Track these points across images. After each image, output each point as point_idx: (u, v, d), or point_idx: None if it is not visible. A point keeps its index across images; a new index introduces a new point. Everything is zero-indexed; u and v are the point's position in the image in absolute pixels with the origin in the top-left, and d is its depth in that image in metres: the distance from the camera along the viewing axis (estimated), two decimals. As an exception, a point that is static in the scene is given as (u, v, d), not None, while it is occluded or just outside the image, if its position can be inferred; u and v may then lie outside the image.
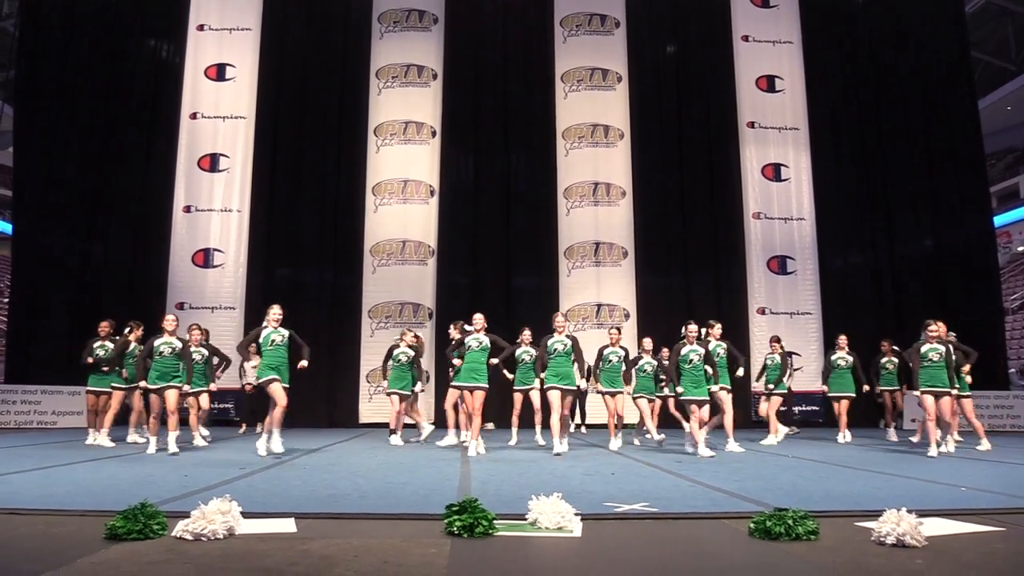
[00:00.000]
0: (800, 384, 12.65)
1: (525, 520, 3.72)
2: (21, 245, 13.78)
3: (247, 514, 3.61)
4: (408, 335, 9.53)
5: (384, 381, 9.50)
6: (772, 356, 10.26)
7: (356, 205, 13.70)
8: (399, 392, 9.25)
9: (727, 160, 14.30)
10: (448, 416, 9.50)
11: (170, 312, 12.23)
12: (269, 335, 7.46)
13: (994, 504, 4.43)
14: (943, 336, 8.19)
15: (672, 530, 3.74)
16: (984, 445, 8.56)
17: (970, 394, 9.22)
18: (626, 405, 9.14)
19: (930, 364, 8.04)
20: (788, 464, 6.94)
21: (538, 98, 14.33)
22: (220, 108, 13.88)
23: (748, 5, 14.76)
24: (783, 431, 10.14)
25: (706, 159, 14.41)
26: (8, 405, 12.06)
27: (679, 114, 14.54)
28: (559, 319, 8.26)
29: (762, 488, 5.07)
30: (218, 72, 14.01)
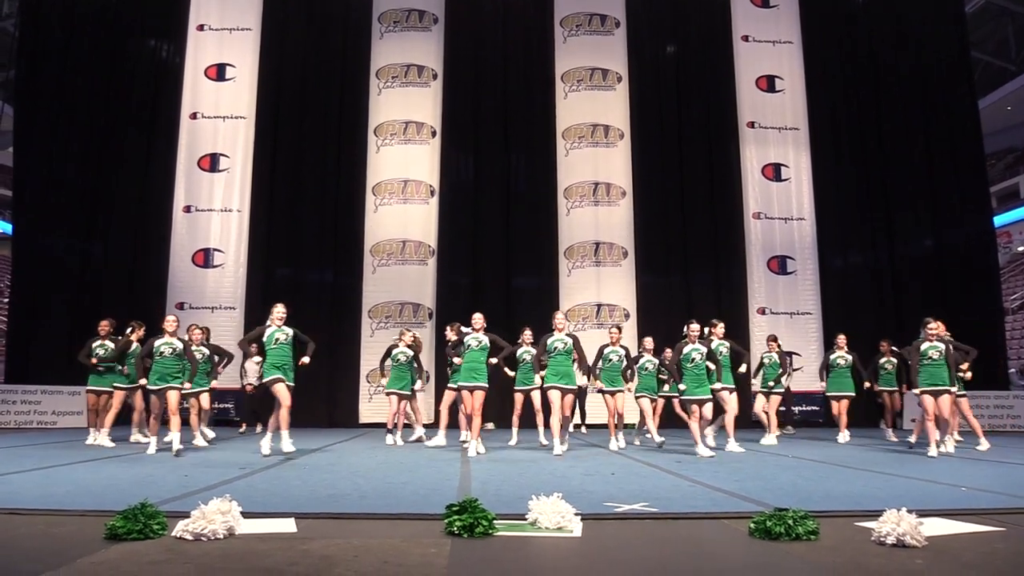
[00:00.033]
0: (800, 384, 12.64)
1: (525, 520, 3.72)
2: (21, 245, 13.78)
3: (247, 514, 3.62)
4: (407, 335, 9.53)
5: (384, 380, 9.51)
6: (769, 354, 10.27)
7: (356, 205, 13.70)
8: (398, 392, 9.26)
9: (727, 160, 14.30)
10: (441, 416, 9.48)
11: (170, 312, 12.31)
12: (273, 334, 7.45)
13: (994, 504, 4.43)
14: (942, 334, 8.08)
15: (672, 530, 3.74)
16: (983, 445, 8.54)
17: (966, 393, 9.21)
18: (626, 404, 9.14)
19: (930, 362, 7.94)
20: (788, 464, 6.93)
21: (538, 98, 14.33)
22: (220, 108, 13.88)
23: (748, 5, 14.76)
24: (774, 431, 10.07)
25: (706, 159, 14.41)
26: (8, 405, 12.07)
27: (679, 114, 14.55)
28: (559, 318, 8.24)
29: (762, 488, 5.07)
30: (218, 72, 14.01)
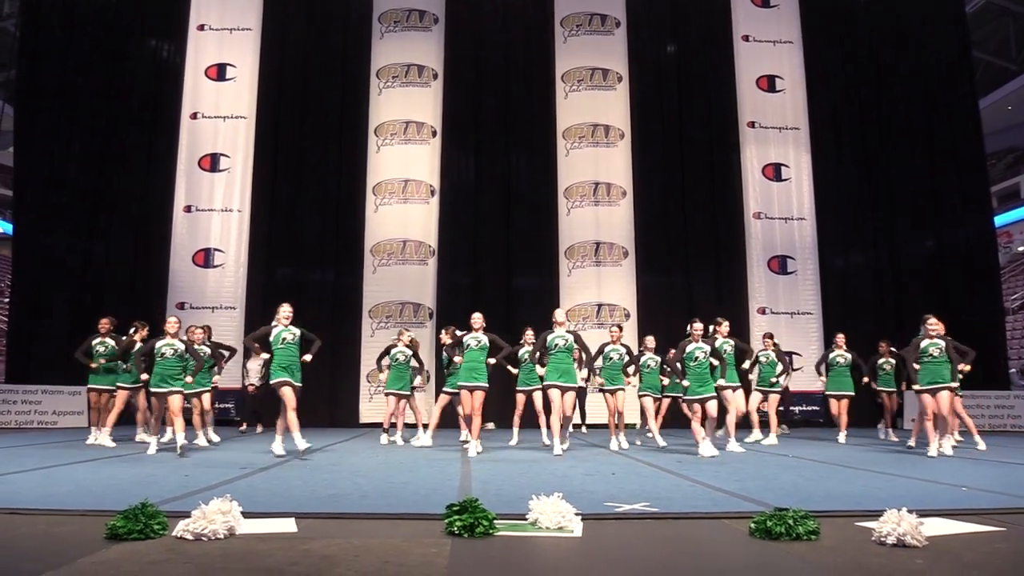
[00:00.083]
0: (800, 384, 12.64)
1: (526, 520, 3.72)
2: (22, 245, 13.79)
3: (248, 514, 3.62)
4: (405, 334, 9.50)
5: (383, 376, 9.44)
6: (766, 352, 10.11)
7: (356, 205, 13.70)
8: (396, 393, 9.24)
9: (727, 160, 14.30)
10: (432, 416, 9.46)
11: (171, 312, 12.34)
12: (280, 333, 7.39)
13: (995, 504, 4.43)
14: (942, 332, 7.95)
15: (673, 530, 3.74)
16: (980, 444, 8.56)
17: (962, 393, 9.19)
18: (626, 403, 9.12)
19: (930, 360, 7.79)
20: (789, 464, 6.93)
21: (538, 98, 14.33)
22: (221, 108, 13.88)
23: (748, 5, 14.75)
24: (756, 431, 9.93)
25: (707, 159, 14.41)
26: (9, 405, 12.07)
27: (680, 114, 14.54)
28: (559, 314, 8.18)
29: (763, 488, 5.07)
30: (219, 72, 14.02)
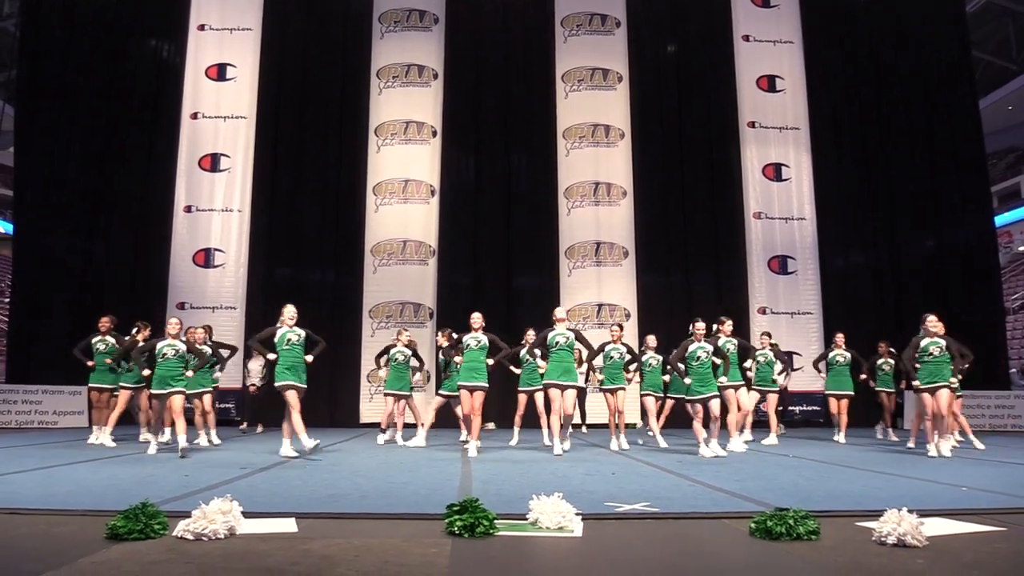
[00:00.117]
0: (801, 384, 12.64)
1: (526, 520, 3.72)
2: (22, 245, 13.79)
3: (248, 514, 3.62)
4: (404, 334, 9.47)
5: (382, 372, 9.40)
6: (764, 352, 9.94)
7: (357, 205, 13.70)
8: (395, 393, 9.21)
9: (728, 160, 14.29)
10: (427, 417, 9.43)
11: (171, 312, 12.36)
12: (285, 335, 7.34)
13: (995, 504, 4.43)
14: (943, 331, 7.85)
15: (673, 530, 3.74)
16: (978, 444, 8.55)
17: (962, 393, 9.19)
18: (627, 402, 9.10)
19: (930, 359, 7.70)
20: (789, 464, 6.93)
21: (539, 98, 14.32)
22: (221, 108, 13.88)
23: (748, 5, 14.74)
24: (745, 434, 9.79)
25: (707, 159, 14.40)
26: (9, 405, 12.06)
27: (680, 114, 14.53)
28: (559, 312, 8.16)
29: (763, 488, 5.07)
30: (219, 72, 14.01)
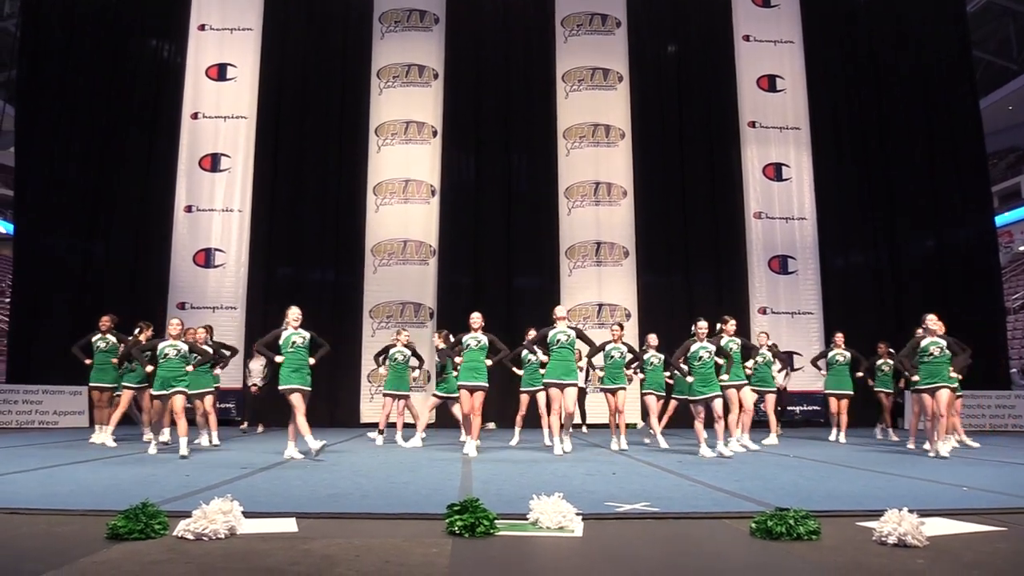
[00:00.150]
0: (801, 384, 12.63)
1: (526, 520, 3.72)
2: (23, 245, 13.79)
3: (248, 514, 3.62)
4: (403, 334, 9.45)
5: (382, 370, 9.37)
6: (762, 352, 9.86)
7: (357, 205, 13.69)
8: (395, 393, 9.19)
9: (728, 160, 14.27)
10: (422, 416, 9.41)
11: (172, 312, 12.37)
12: (289, 337, 7.27)
13: (996, 504, 4.43)
14: (942, 330, 7.80)
15: (673, 530, 3.74)
16: (970, 443, 8.57)
17: (962, 393, 9.20)
18: (627, 402, 9.09)
19: (930, 359, 7.64)
20: (789, 464, 6.93)
21: (539, 98, 14.31)
22: (221, 108, 13.88)
23: (749, 5, 14.73)
24: (738, 435, 9.83)
25: (707, 159, 14.39)
26: (10, 405, 12.05)
27: (680, 114, 14.52)
28: (559, 310, 8.12)
29: (763, 488, 5.07)
30: (219, 72, 14.01)
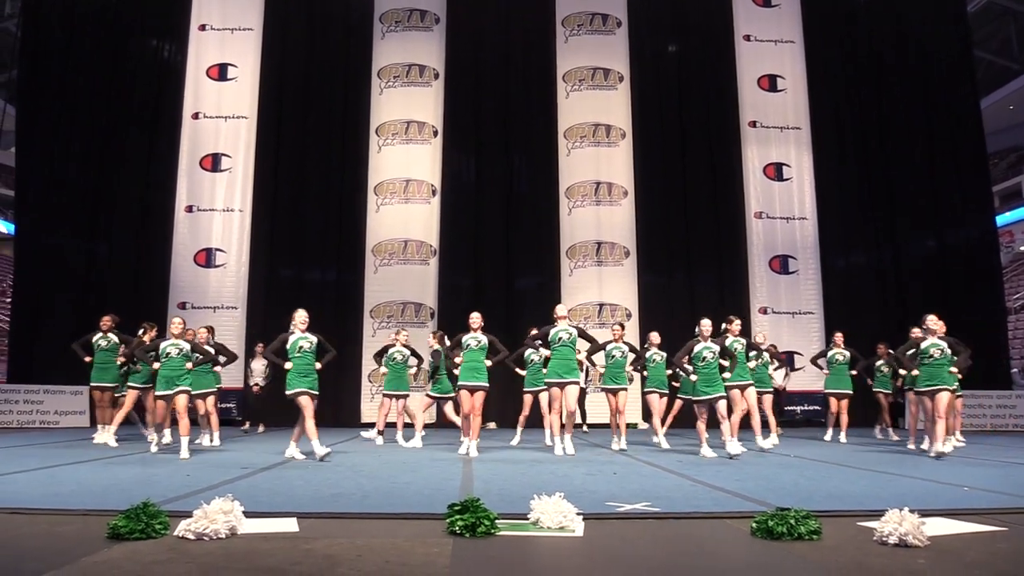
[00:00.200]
0: (802, 383, 12.63)
1: (527, 520, 3.72)
2: (24, 245, 13.80)
3: (249, 513, 3.62)
4: (402, 334, 9.42)
5: (382, 369, 9.33)
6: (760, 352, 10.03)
7: (358, 205, 13.70)
8: (394, 393, 9.16)
9: (729, 159, 14.27)
10: (418, 417, 9.42)
11: (173, 312, 12.36)
12: (296, 341, 7.20)
13: (997, 504, 4.43)
14: (943, 330, 7.76)
15: (674, 530, 3.74)
16: (957, 441, 8.64)
17: (962, 393, 9.20)
18: (628, 401, 9.08)
19: (931, 361, 7.59)
20: (790, 464, 6.93)
21: (539, 98, 14.32)
22: (222, 108, 13.88)
23: (749, 4, 14.73)
24: (733, 438, 9.78)
25: (708, 158, 14.39)
26: (11, 405, 12.06)
27: (681, 113, 14.53)
28: (560, 309, 8.08)
29: (764, 488, 5.07)
30: (220, 72, 14.02)
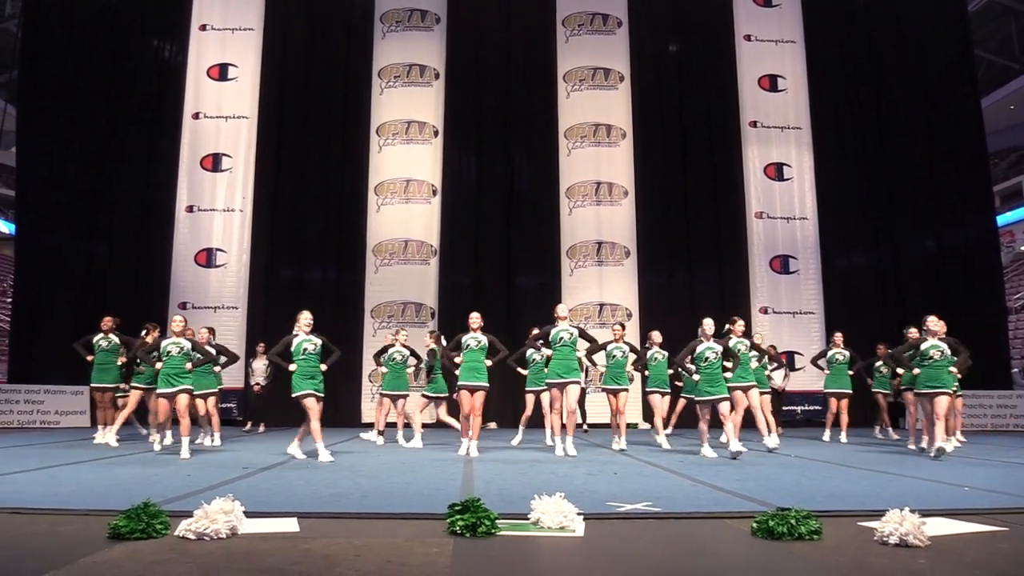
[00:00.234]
0: (803, 383, 12.63)
1: (528, 520, 3.72)
2: (24, 245, 13.82)
3: (250, 513, 3.63)
4: (401, 333, 9.41)
5: (383, 368, 9.29)
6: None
7: (358, 205, 13.71)
8: (393, 393, 9.14)
9: (729, 159, 14.26)
10: (415, 420, 9.39)
11: (173, 312, 12.34)
12: (301, 343, 7.16)
13: (997, 504, 4.43)
14: (944, 331, 7.73)
15: (675, 530, 3.74)
16: (956, 441, 8.65)
17: (962, 393, 9.21)
18: (629, 402, 9.07)
19: (930, 363, 7.56)
20: (791, 464, 6.93)
21: (540, 98, 14.32)
22: (222, 108, 13.89)
23: (750, 4, 14.72)
24: (735, 438, 9.75)
25: (708, 158, 14.38)
26: (11, 405, 12.07)
27: (681, 113, 14.52)
28: (561, 309, 8.02)
29: (765, 488, 5.07)
30: (220, 72, 14.03)
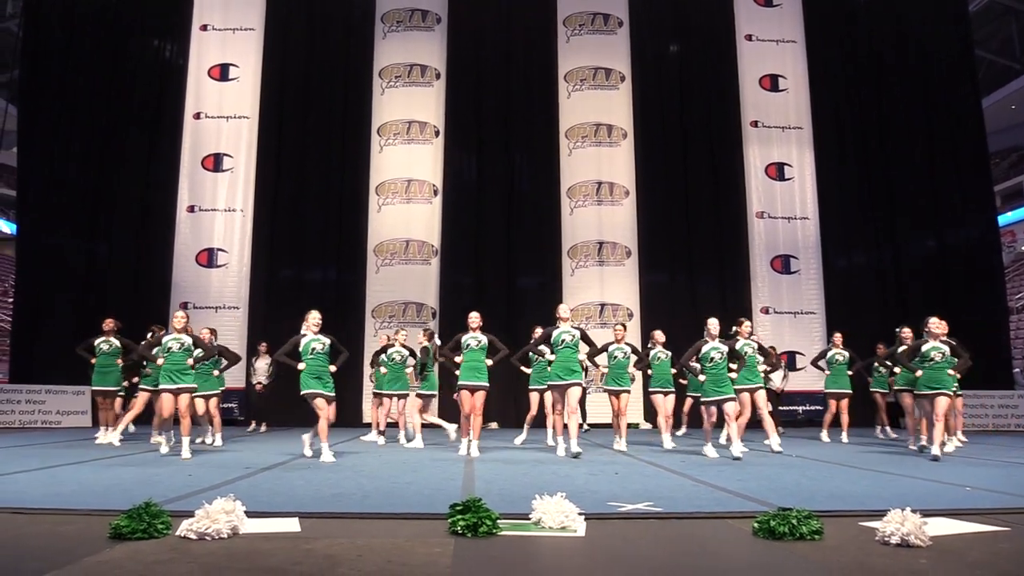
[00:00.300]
0: (803, 383, 12.62)
1: (529, 520, 3.72)
2: (25, 245, 13.84)
3: (251, 513, 3.63)
4: (400, 333, 9.40)
5: (383, 369, 9.23)
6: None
7: (359, 205, 13.71)
8: (393, 393, 9.15)
9: (730, 159, 14.25)
10: (414, 421, 9.36)
11: (175, 312, 12.32)
12: (309, 343, 7.15)
13: (999, 504, 4.42)
14: (946, 332, 7.70)
15: (676, 530, 3.74)
16: (956, 442, 8.63)
17: (962, 393, 9.21)
18: (631, 402, 9.06)
19: (931, 364, 7.53)
20: (792, 464, 6.93)
21: (541, 98, 14.32)
22: (223, 108, 13.91)
23: (751, 4, 14.72)
24: (738, 440, 9.72)
25: (709, 158, 14.38)
26: (12, 405, 12.08)
27: (682, 113, 14.51)
28: (563, 310, 7.97)
29: (766, 488, 5.07)
30: (221, 72, 14.04)
